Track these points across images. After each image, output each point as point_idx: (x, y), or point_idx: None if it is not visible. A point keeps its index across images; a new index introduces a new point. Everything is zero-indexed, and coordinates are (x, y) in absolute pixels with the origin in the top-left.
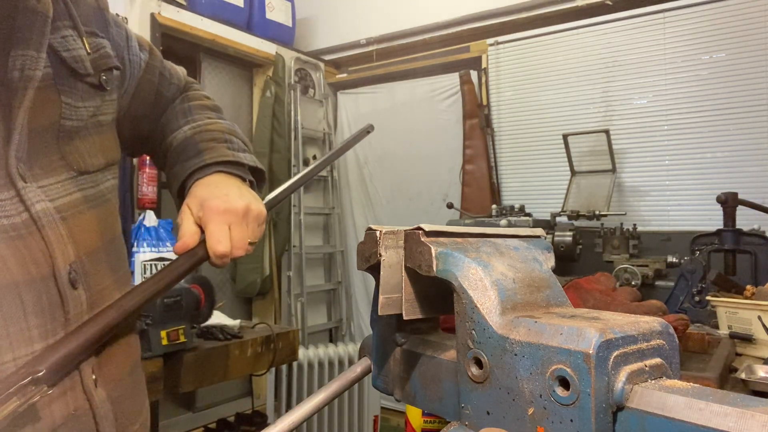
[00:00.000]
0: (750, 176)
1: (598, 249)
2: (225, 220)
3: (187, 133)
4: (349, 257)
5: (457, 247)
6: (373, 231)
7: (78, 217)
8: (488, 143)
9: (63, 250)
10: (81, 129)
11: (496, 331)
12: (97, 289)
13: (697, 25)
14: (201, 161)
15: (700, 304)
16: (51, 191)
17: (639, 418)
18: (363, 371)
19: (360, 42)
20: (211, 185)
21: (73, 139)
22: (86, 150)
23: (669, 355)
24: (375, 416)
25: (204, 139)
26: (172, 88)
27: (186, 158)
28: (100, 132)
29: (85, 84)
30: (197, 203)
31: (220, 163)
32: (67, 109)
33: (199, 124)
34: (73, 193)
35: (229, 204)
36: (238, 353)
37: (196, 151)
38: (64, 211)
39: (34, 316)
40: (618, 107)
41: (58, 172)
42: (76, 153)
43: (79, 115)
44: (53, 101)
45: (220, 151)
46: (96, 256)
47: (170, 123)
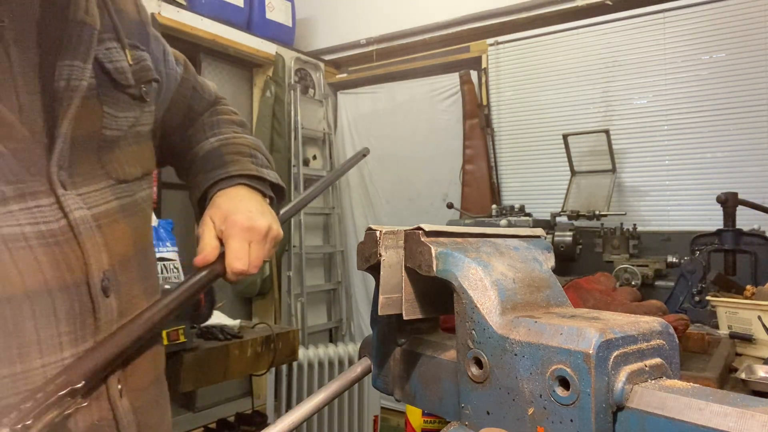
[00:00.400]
0: (750, 176)
1: (598, 249)
2: (247, 237)
3: (214, 145)
4: (349, 257)
5: (457, 247)
6: (373, 231)
7: (113, 226)
8: (488, 143)
9: (97, 258)
10: (121, 139)
11: (496, 331)
12: (127, 298)
13: (697, 25)
14: (225, 172)
15: (700, 304)
16: (89, 199)
17: (639, 418)
18: (363, 371)
19: (360, 42)
20: (234, 198)
21: (113, 148)
22: (125, 159)
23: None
24: (375, 416)
25: (229, 152)
26: (203, 102)
27: (210, 168)
28: (139, 142)
29: (126, 95)
30: (221, 216)
31: (243, 176)
32: (109, 119)
33: (226, 137)
34: (110, 202)
35: (253, 222)
36: (238, 353)
37: (221, 162)
38: (101, 219)
39: (65, 323)
40: (618, 107)
41: (97, 180)
42: (115, 162)
43: (120, 125)
44: (95, 111)
45: (244, 165)
46: (128, 264)
47: (197, 134)
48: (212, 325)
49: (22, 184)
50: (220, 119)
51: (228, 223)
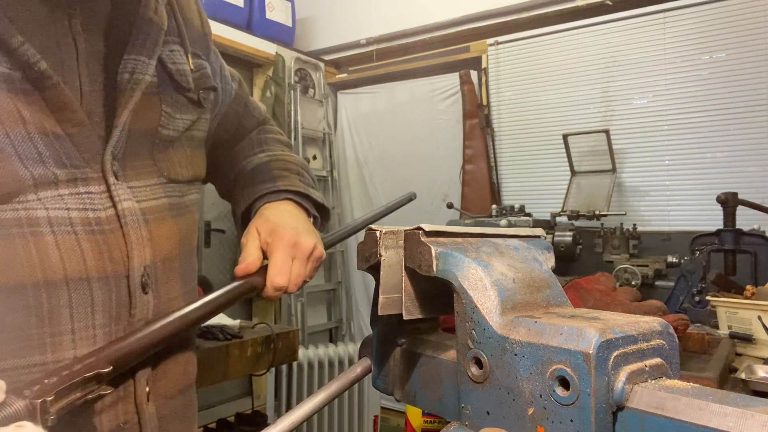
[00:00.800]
0: (750, 176)
1: (598, 249)
2: (291, 253)
3: (263, 159)
4: (349, 257)
5: (457, 247)
6: (373, 231)
7: (160, 222)
8: (488, 143)
9: (141, 252)
10: (175, 140)
11: (496, 331)
12: (165, 298)
13: (697, 25)
14: (274, 186)
15: (700, 304)
16: (139, 193)
17: (639, 418)
18: (363, 371)
19: (360, 42)
20: (282, 213)
21: (167, 147)
22: (177, 160)
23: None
24: (375, 416)
25: (278, 167)
26: (253, 120)
27: (259, 181)
28: (192, 147)
29: (185, 98)
30: (268, 228)
31: (291, 192)
32: (166, 118)
33: (275, 153)
34: (160, 198)
35: (299, 239)
36: (238, 353)
37: (270, 176)
38: (149, 214)
39: (101, 315)
40: (618, 107)
41: (148, 175)
42: (168, 161)
43: (176, 125)
44: (154, 108)
45: (292, 181)
46: (170, 264)
47: (245, 150)
48: (212, 325)
49: (75, 169)
50: (268, 137)
51: (275, 236)
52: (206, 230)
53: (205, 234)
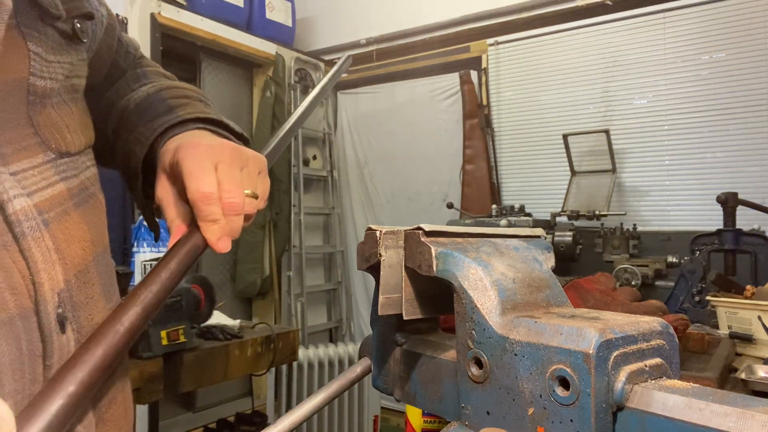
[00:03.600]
0: (750, 176)
1: (598, 249)
2: (208, 157)
3: (149, 91)
4: (349, 257)
5: (457, 247)
6: (373, 231)
7: (64, 221)
8: (488, 143)
9: (50, 273)
10: (54, 93)
11: (496, 331)
12: (89, 326)
13: (697, 25)
14: (175, 117)
15: (700, 304)
16: (26, 180)
17: (639, 418)
18: (363, 371)
19: (360, 42)
20: (193, 138)
21: (45, 106)
22: (64, 123)
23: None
24: (375, 416)
25: (174, 96)
26: (129, 57)
27: (152, 117)
28: (76, 100)
29: (56, 31)
30: (172, 151)
31: (200, 120)
32: (38, 62)
33: (163, 83)
34: (55, 184)
35: (213, 143)
36: (238, 353)
37: (166, 107)
38: (46, 212)
39: (10, 378)
40: (618, 107)
41: (32, 152)
42: (52, 126)
43: (52, 72)
44: (18, 49)
45: (197, 107)
46: (86, 276)
47: (120, 90)
48: (212, 325)
49: None
50: (147, 70)
51: (180, 148)
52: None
53: None
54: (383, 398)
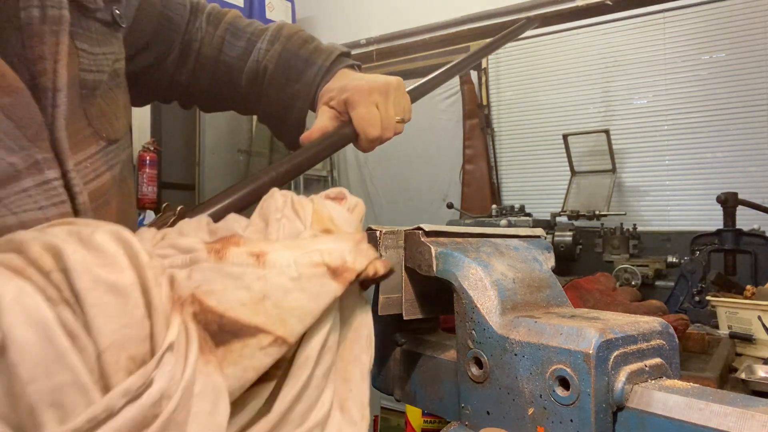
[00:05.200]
0: (750, 176)
1: (598, 249)
2: (371, 100)
3: (277, 49)
4: None
5: (457, 247)
6: (373, 231)
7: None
8: (488, 143)
9: None
10: (101, 83)
11: (496, 331)
12: None
13: (697, 25)
14: (322, 67)
15: (700, 304)
16: (83, 171)
17: (639, 418)
18: None
19: (360, 42)
20: (342, 77)
21: (95, 97)
22: (111, 111)
23: (669, 355)
24: (375, 416)
25: (298, 46)
26: (179, 9)
27: (298, 73)
28: (119, 85)
29: (97, 23)
30: (336, 93)
31: (337, 60)
32: (86, 57)
33: (272, 35)
34: (103, 174)
35: (371, 84)
36: None
37: (304, 61)
38: (95, 201)
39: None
40: (618, 107)
41: (87, 143)
42: (102, 116)
43: (99, 64)
44: (69, 49)
45: (326, 49)
46: None
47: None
48: None
49: (24, 152)
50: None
51: (349, 90)
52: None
53: None
54: (383, 398)
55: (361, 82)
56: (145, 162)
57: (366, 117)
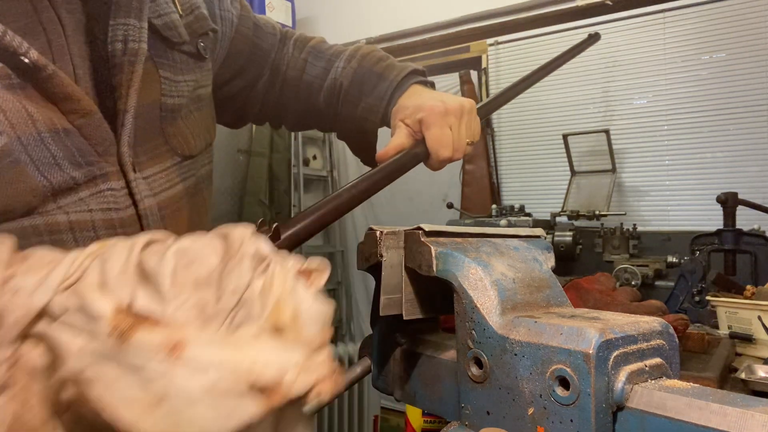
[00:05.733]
0: (750, 176)
1: (598, 249)
2: (446, 122)
3: (353, 66)
4: (349, 257)
5: (457, 247)
6: (373, 231)
7: (176, 216)
8: (488, 143)
9: None
10: (182, 107)
11: (496, 331)
12: None
13: (697, 25)
14: (393, 81)
15: (700, 304)
16: (155, 183)
17: (639, 418)
18: (363, 371)
19: (360, 42)
20: (415, 94)
21: (175, 119)
22: (189, 131)
23: (669, 355)
24: (375, 416)
25: (372, 63)
26: (269, 38)
27: (371, 88)
28: (200, 108)
29: (182, 54)
30: (411, 111)
31: (409, 75)
32: (167, 84)
33: (350, 54)
34: (176, 185)
35: (447, 104)
36: None
37: (377, 76)
38: (165, 209)
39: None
40: (618, 107)
41: (162, 158)
42: (179, 135)
43: (180, 90)
44: (152, 77)
45: (399, 66)
46: None
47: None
48: None
49: (91, 167)
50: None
51: (424, 110)
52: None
53: None
54: (383, 398)
55: (436, 102)
56: None
57: (439, 138)
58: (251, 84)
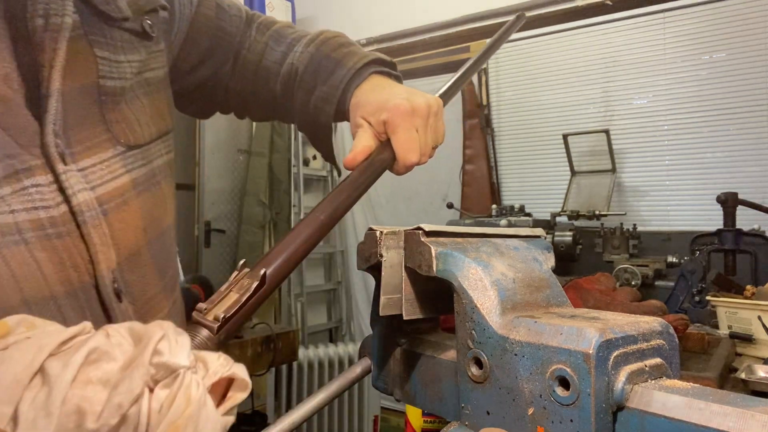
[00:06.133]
0: (750, 176)
1: (598, 249)
2: (413, 124)
3: (310, 50)
4: (349, 257)
5: (457, 247)
6: (373, 231)
7: (121, 210)
8: (488, 143)
9: (106, 254)
10: (126, 90)
11: (496, 331)
12: (143, 300)
13: (697, 25)
14: (351, 69)
15: (700, 304)
16: (93, 175)
17: (639, 418)
18: (363, 371)
19: (360, 42)
20: (378, 88)
21: (118, 103)
22: (135, 117)
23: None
24: (375, 416)
25: (332, 48)
26: (234, 20)
27: (327, 75)
28: (150, 93)
29: (123, 32)
30: (374, 109)
31: (370, 64)
32: (105, 65)
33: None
34: (120, 177)
35: (413, 104)
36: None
37: (335, 62)
38: (107, 203)
39: None
40: (618, 107)
41: (102, 147)
42: (123, 122)
43: (122, 72)
44: (86, 57)
45: (361, 53)
46: (138, 259)
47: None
48: None
49: (11, 160)
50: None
51: (390, 110)
52: (206, 230)
53: (205, 234)
54: (383, 398)
55: (401, 101)
56: None
57: (407, 142)
58: (216, 72)
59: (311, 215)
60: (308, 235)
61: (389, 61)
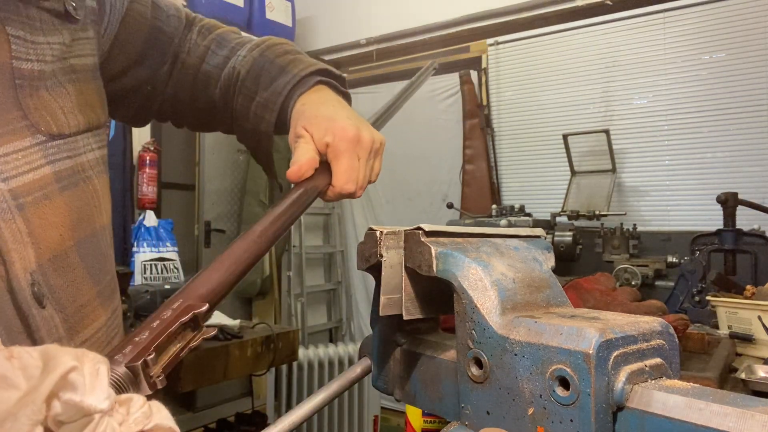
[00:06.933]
0: (750, 176)
1: (598, 249)
2: (356, 153)
3: (253, 55)
4: (349, 257)
5: (457, 247)
6: (374, 231)
7: (42, 205)
8: (488, 143)
9: (21, 253)
10: (47, 75)
11: (496, 331)
12: (73, 307)
13: (697, 25)
14: (296, 76)
15: (700, 304)
16: (6, 165)
17: (639, 418)
18: (363, 371)
19: (360, 42)
20: (325, 103)
21: (37, 89)
22: (58, 105)
23: (669, 355)
24: (375, 416)
25: (277, 54)
26: (172, 20)
27: (269, 81)
28: (75, 80)
29: (42, 11)
30: (321, 125)
31: (316, 73)
32: (20, 45)
33: (255, 43)
34: (40, 168)
35: (359, 133)
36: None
37: (278, 68)
38: (23, 196)
39: None
40: (618, 107)
41: (18, 135)
42: (44, 109)
43: (40, 54)
44: None
45: (307, 61)
46: (65, 261)
47: (209, 59)
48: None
49: None
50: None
51: (335, 133)
52: (206, 230)
53: (205, 234)
54: (383, 398)
55: (348, 125)
56: (146, 162)
57: (348, 172)
58: (152, 76)
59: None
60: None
61: (338, 75)
